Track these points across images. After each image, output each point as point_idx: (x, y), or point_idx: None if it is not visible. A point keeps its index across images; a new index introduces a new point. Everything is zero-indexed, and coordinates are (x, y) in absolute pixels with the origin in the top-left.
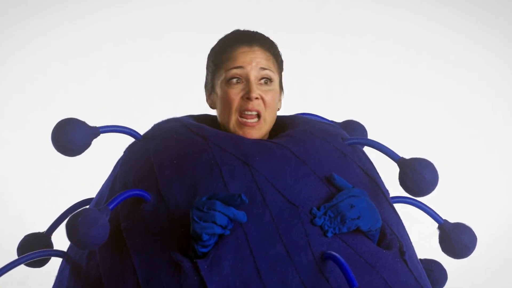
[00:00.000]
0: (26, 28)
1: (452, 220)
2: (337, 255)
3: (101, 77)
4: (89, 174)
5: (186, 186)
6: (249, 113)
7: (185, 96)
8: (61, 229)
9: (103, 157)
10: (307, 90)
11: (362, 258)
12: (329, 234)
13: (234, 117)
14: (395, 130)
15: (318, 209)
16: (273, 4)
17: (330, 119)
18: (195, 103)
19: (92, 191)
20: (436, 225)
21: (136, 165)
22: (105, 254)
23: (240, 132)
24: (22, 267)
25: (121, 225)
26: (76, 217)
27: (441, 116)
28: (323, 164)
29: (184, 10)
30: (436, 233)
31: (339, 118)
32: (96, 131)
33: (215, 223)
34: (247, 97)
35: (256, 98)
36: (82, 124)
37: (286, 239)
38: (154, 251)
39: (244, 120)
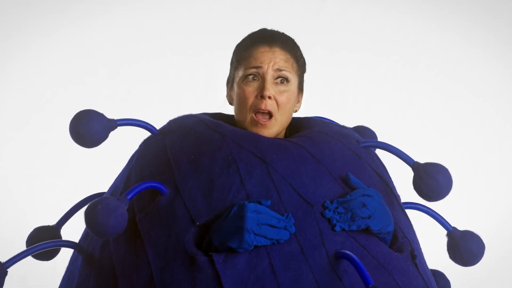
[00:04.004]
0: (26, 28)
1: (453, 223)
2: (351, 254)
3: (101, 77)
4: (89, 174)
5: (203, 181)
6: (262, 111)
7: (185, 96)
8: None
9: (103, 157)
10: (306, 90)
11: (375, 259)
12: (337, 229)
13: (249, 115)
14: (395, 130)
15: (332, 202)
16: (273, 5)
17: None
18: (195, 103)
19: (92, 190)
20: (443, 232)
21: (152, 159)
22: (119, 245)
23: (254, 130)
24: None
25: (136, 217)
26: (96, 205)
27: (441, 117)
28: (338, 165)
29: (184, 11)
30: (437, 239)
31: (339, 119)
32: (113, 124)
33: (265, 237)
34: (260, 95)
35: (269, 97)
36: (101, 116)
37: (300, 237)
38: (169, 244)
39: (257, 118)
